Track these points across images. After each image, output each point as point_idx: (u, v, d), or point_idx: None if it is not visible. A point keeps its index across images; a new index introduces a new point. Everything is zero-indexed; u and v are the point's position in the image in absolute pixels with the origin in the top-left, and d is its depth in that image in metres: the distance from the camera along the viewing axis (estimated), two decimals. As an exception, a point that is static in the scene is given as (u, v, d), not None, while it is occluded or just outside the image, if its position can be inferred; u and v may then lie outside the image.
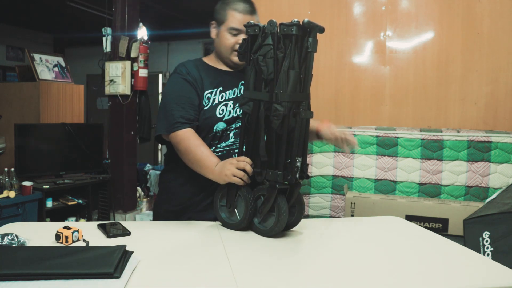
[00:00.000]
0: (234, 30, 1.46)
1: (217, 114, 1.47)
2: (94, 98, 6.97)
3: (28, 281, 0.88)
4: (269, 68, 1.22)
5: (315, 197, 2.71)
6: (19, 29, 7.42)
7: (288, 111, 1.21)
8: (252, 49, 1.27)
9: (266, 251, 1.17)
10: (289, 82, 1.20)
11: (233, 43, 1.47)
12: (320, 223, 1.52)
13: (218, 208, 1.38)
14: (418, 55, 2.98)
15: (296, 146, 1.24)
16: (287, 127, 1.23)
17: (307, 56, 1.22)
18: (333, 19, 3.11)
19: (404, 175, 2.61)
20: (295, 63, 1.21)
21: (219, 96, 1.50)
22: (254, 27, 1.27)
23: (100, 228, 1.30)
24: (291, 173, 1.23)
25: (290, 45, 1.20)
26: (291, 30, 1.18)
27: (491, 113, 2.85)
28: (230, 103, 1.50)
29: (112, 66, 3.83)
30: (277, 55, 1.21)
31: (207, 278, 0.98)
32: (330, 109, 3.12)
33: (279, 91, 1.20)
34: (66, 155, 3.73)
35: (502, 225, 1.99)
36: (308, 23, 1.18)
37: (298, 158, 1.24)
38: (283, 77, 1.20)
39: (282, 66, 1.21)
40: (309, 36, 1.21)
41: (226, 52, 1.50)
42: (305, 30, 1.20)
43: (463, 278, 1.01)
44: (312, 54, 1.23)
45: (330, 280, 0.99)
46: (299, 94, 1.23)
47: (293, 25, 1.18)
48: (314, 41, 1.21)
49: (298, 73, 1.21)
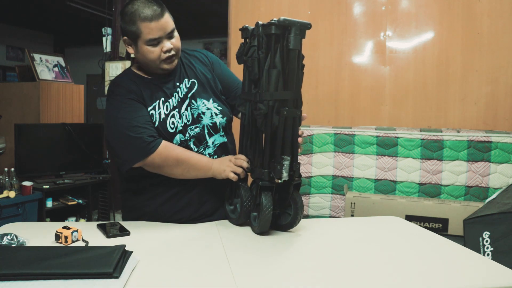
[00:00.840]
0: (154, 40, 1.35)
1: (168, 129, 1.40)
2: (94, 98, 6.98)
3: (28, 281, 0.88)
4: (254, 69, 1.25)
5: (315, 197, 2.71)
6: (19, 29, 7.43)
7: (271, 109, 1.22)
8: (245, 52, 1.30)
9: (265, 251, 1.17)
10: (270, 81, 1.22)
11: (159, 53, 1.37)
12: (320, 223, 1.52)
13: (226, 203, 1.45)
14: (418, 55, 2.98)
15: (279, 145, 1.25)
16: (270, 125, 1.24)
17: (290, 54, 1.22)
18: (333, 19, 3.10)
19: (404, 175, 2.61)
20: (277, 61, 1.22)
21: (164, 108, 1.42)
22: (247, 31, 1.29)
23: (99, 228, 1.30)
24: (273, 171, 1.24)
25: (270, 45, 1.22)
26: (269, 29, 1.20)
27: (491, 113, 2.85)
28: (175, 112, 1.43)
29: (112, 66, 3.83)
30: (259, 55, 1.23)
31: (206, 278, 0.98)
32: (330, 109, 3.12)
33: (261, 90, 1.23)
34: (66, 155, 3.73)
35: (502, 225, 1.98)
36: (284, 21, 1.18)
37: (285, 157, 1.24)
38: (264, 76, 1.22)
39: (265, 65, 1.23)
40: (289, 34, 1.20)
41: (154, 64, 1.39)
42: (285, 28, 1.20)
43: (463, 278, 1.01)
44: (296, 52, 1.21)
45: (330, 280, 0.98)
46: (282, 92, 1.23)
47: (271, 24, 1.19)
48: (294, 38, 1.19)
49: (279, 72, 1.22)
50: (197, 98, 1.47)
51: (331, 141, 2.71)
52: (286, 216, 1.33)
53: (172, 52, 1.39)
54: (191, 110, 1.45)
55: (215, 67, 1.56)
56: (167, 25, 1.36)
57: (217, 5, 4.02)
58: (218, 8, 3.31)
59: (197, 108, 1.46)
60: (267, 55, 1.23)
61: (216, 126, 1.48)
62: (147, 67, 1.44)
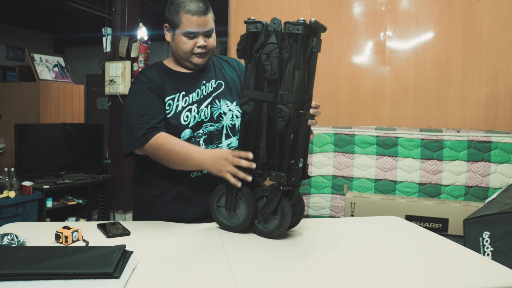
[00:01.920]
0: (191, 33, 1.41)
1: (182, 121, 1.43)
2: (94, 98, 6.98)
3: (28, 281, 0.88)
4: (273, 68, 1.18)
5: (315, 197, 2.71)
6: (19, 29, 7.43)
7: (293, 112, 1.19)
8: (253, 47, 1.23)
9: (265, 251, 1.17)
10: (295, 82, 1.17)
11: (192, 46, 1.43)
12: (320, 223, 1.52)
13: (215, 209, 1.34)
14: (418, 55, 2.98)
15: (301, 148, 1.22)
16: (292, 128, 1.21)
17: (311, 56, 1.21)
18: (333, 19, 3.11)
19: (404, 175, 2.61)
20: (300, 63, 1.18)
21: (182, 101, 1.45)
22: (256, 24, 1.21)
23: (99, 228, 1.30)
24: (294, 174, 1.21)
25: (295, 45, 1.16)
26: (297, 29, 1.15)
27: (491, 113, 2.86)
28: (194, 107, 1.45)
29: (112, 66, 3.83)
30: (282, 54, 1.17)
31: (207, 278, 0.98)
32: (330, 109, 3.12)
33: (284, 91, 1.17)
34: (66, 155, 3.72)
35: (502, 225, 1.99)
36: (316, 23, 1.16)
37: (301, 160, 1.23)
38: (288, 77, 1.17)
39: (287, 66, 1.17)
40: (314, 36, 1.18)
41: (185, 56, 1.45)
42: (310, 29, 1.18)
43: (463, 278, 1.01)
44: (316, 54, 1.21)
45: (330, 280, 0.98)
46: (304, 94, 1.22)
47: (300, 24, 1.15)
48: (318, 41, 1.19)
49: (303, 73, 1.19)
50: (221, 99, 1.50)
51: (331, 141, 2.71)
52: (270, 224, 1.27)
53: (204, 50, 1.44)
54: (211, 108, 1.48)
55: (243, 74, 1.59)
56: (206, 23, 1.43)
57: (217, 5, 4.01)
58: (218, 8, 3.31)
59: (219, 108, 1.49)
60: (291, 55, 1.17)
61: (235, 128, 1.49)
62: (178, 58, 1.49)
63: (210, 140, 1.46)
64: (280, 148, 1.23)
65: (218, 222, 1.35)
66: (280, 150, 1.23)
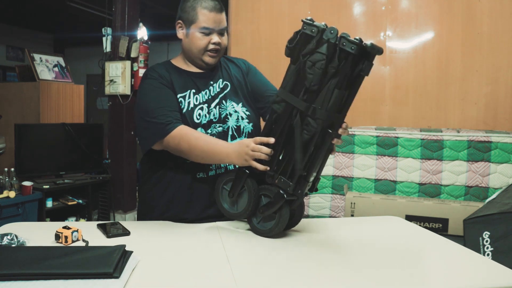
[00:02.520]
0: (207, 29, 1.42)
1: (194, 119, 1.42)
2: (94, 98, 6.97)
3: (28, 281, 0.88)
4: (315, 79, 1.13)
5: (315, 197, 2.71)
6: (19, 29, 7.43)
7: (321, 128, 1.15)
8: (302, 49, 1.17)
9: (265, 251, 1.17)
10: (331, 100, 1.12)
11: (206, 43, 1.43)
12: (320, 223, 1.52)
13: (220, 192, 1.34)
14: (418, 55, 2.98)
15: (317, 164, 1.21)
16: (315, 143, 1.18)
17: (357, 79, 1.15)
18: (333, 19, 3.10)
19: (404, 175, 2.61)
20: (343, 82, 1.12)
21: (194, 98, 1.45)
22: (312, 27, 1.14)
23: (99, 228, 1.30)
24: (301, 187, 1.19)
25: (344, 62, 1.11)
26: (351, 48, 1.09)
27: (491, 113, 2.86)
28: (205, 106, 1.45)
29: (112, 66, 3.83)
30: (328, 68, 1.12)
31: (207, 278, 0.98)
32: (330, 109, 3.11)
33: (318, 106, 1.14)
34: (66, 155, 3.72)
35: (502, 225, 1.98)
36: (372, 47, 1.10)
37: (313, 174, 1.21)
38: (326, 93, 1.12)
39: (330, 82, 1.12)
40: (366, 59, 1.12)
41: (198, 53, 1.45)
42: (364, 51, 1.11)
43: (463, 278, 1.01)
44: (363, 78, 1.15)
45: (330, 280, 0.98)
46: (337, 115, 1.16)
47: (355, 43, 1.09)
48: (369, 65, 1.12)
49: (342, 94, 1.14)
50: (228, 99, 1.50)
51: (331, 141, 2.71)
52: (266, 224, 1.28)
53: (218, 47, 1.44)
54: (219, 109, 1.48)
55: (250, 73, 1.59)
56: (222, 21, 1.45)
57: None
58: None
59: (226, 109, 1.48)
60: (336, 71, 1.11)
61: (240, 129, 1.48)
62: (190, 55, 1.48)
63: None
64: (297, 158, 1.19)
65: (219, 206, 1.36)
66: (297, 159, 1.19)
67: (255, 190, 1.27)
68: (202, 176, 1.45)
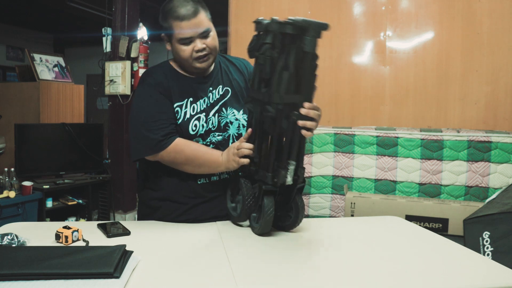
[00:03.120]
0: (186, 39, 1.35)
1: (190, 131, 1.39)
2: (94, 98, 6.98)
3: (28, 281, 0.88)
4: (266, 68, 1.19)
5: (315, 197, 2.71)
6: (19, 29, 7.43)
7: (280, 113, 1.18)
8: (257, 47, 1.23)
9: (266, 251, 1.17)
10: (281, 83, 1.16)
11: (190, 52, 1.37)
12: (320, 223, 1.52)
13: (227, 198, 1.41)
14: (418, 55, 2.98)
15: (286, 150, 1.22)
16: (279, 129, 1.20)
17: (305, 57, 1.16)
18: (333, 19, 3.10)
19: (404, 175, 2.61)
20: (290, 63, 1.16)
21: (190, 108, 1.41)
22: (260, 24, 1.22)
23: (100, 228, 1.30)
24: (277, 176, 1.22)
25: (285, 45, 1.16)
26: (285, 29, 1.14)
27: (491, 113, 2.86)
28: (202, 115, 1.42)
29: (112, 66, 3.83)
30: (272, 54, 1.18)
31: (207, 278, 0.98)
32: (330, 109, 3.12)
33: (271, 92, 1.18)
34: (66, 155, 3.73)
35: (502, 225, 1.99)
36: (302, 21, 1.12)
37: (291, 162, 1.22)
38: (276, 78, 1.17)
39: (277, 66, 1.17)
40: (305, 35, 1.14)
41: (187, 62, 1.40)
42: (302, 28, 1.14)
43: (463, 278, 1.01)
44: (310, 55, 1.15)
45: (330, 280, 0.98)
46: (293, 96, 1.18)
47: (288, 23, 1.14)
48: (310, 41, 1.13)
49: (292, 74, 1.16)
50: (228, 107, 1.47)
51: (331, 141, 2.71)
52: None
53: (204, 52, 1.38)
54: (218, 117, 1.45)
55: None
56: (199, 24, 1.36)
57: (217, 5, 4.02)
58: (218, 8, 3.32)
59: (226, 117, 1.46)
60: (281, 55, 1.17)
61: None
62: (181, 65, 1.45)
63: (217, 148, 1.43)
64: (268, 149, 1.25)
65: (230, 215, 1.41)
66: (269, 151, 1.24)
67: (248, 190, 1.29)
68: (203, 181, 1.44)
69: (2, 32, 7.06)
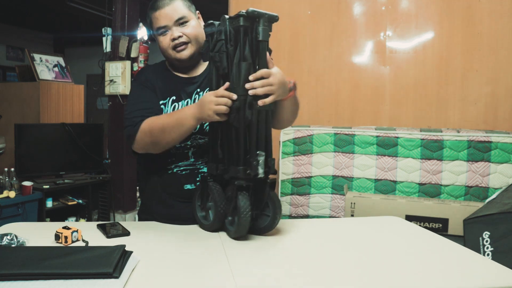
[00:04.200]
0: (161, 28, 1.37)
1: None
2: (94, 98, 6.97)
3: (27, 281, 0.88)
4: (222, 63, 1.21)
5: (315, 197, 2.71)
6: (19, 29, 7.43)
7: (243, 103, 1.18)
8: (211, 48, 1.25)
9: (265, 251, 1.17)
10: (241, 74, 1.18)
11: (168, 42, 1.37)
12: (320, 223, 1.52)
13: (196, 209, 1.35)
14: (418, 55, 2.98)
15: (254, 140, 1.21)
16: (243, 120, 1.20)
17: (259, 46, 1.19)
18: (333, 19, 3.11)
19: (404, 175, 2.61)
20: (247, 54, 1.19)
21: (171, 107, 1.40)
22: (210, 26, 1.25)
23: (99, 228, 1.30)
24: (250, 168, 1.19)
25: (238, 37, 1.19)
26: (238, 21, 1.17)
27: (491, 113, 2.86)
28: None
29: (112, 66, 3.83)
30: (227, 48, 1.20)
31: (206, 278, 0.98)
32: (330, 109, 3.12)
33: (231, 84, 1.19)
34: (66, 155, 3.73)
35: (502, 225, 1.98)
36: (253, 12, 1.16)
37: (260, 153, 1.20)
38: (235, 69, 1.19)
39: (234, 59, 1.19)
40: (258, 25, 1.18)
41: (168, 55, 1.41)
42: (253, 20, 1.18)
43: (463, 278, 1.01)
44: (265, 44, 1.19)
45: (330, 280, 0.98)
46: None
47: (239, 16, 1.17)
48: (263, 30, 1.18)
49: (250, 64, 1.19)
50: None
51: (331, 141, 2.71)
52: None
53: (181, 40, 1.37)
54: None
55: None
56: (174, 12, 1.36)
57: (217, 5, 4.02)
58: (218, 8, 3.31)
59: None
60: (236, 48, 1.20)
61: None
62: (167, 60, 1.46)
63: (200, 153, 1.41)
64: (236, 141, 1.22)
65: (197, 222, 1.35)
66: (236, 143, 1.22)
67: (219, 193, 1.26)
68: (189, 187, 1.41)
69: (2, 32, 7.06)
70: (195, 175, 1.41)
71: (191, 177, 1.41)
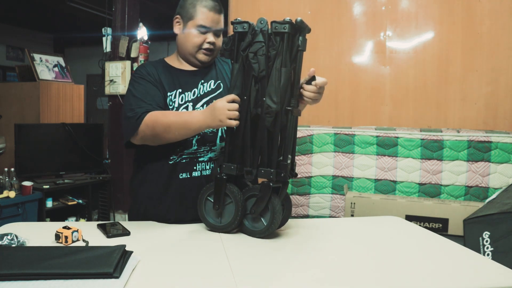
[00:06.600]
0: (203, 28, 1.44)
1: None
2: (94, 98, 6.98)
3: (28, 281, 0.88)
4: (260, 66, 1.22)
5: (315, 197, 2.71)
6: (19, 29, 7.42)
7: (281, 108, 1.22)
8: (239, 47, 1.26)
9: (265, 251, 1.17)
10: (282, 79, 1.21)
11: (201, 41, 1.45)
12: (320, 223, 1.52)
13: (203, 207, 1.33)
14: (418, 55, 2.98)
15: (289, 144, 1.24)
16: (280, 124, 1.23)
17: (297, 55, 1.24)
18: (333, 19, 3.10)
19: (404, 175, 2.61)
20: (287, 61, 1.22)
21: (179, 98, 1.45)
22: (243, 24, 1.25)
23: (99, 228, 1.30)
24: (283, 170, 1.22)
25: (281, 43, 1.21)
26: (283, 28, 1.19)
27: (491, 113, 2.85)
28: (190, 105, 1.44)
29: (112, 66, 3.83)
30: (269, 52, 1.22)
31: (207, 277, 0.98)
32: (330, 109, 3.11)
33: (272, 88, 1.21)
34: (66, 155, 3.73)
35: (502, 225, 1.98)
36: (301, 22, 1.20)
37: (289, 156, 1.24)
38: (275, 74, 1.21)
39: (274, 63, 1.21)
40: (299, 35, 1.22)
41: (192, 50, 1.46)
42: (296, 28, 1.22)
43: (463, 278, 1.01)
44: (302, 53, 1.25)
45: (330, 280, 0.98)
46: (290, 92, 1.25)
47: (286, 23, 1.19)
48: (304, 40, 1.23)
49: (289, 71, 1.23)
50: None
51: (331, 141, 2.71)
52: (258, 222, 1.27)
53: (212, 47, 1.46)
54: None
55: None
56: (220, 22, 1.47)
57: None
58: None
59: None
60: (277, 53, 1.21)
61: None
62: (184, 52, 1.49)
63: (203, 141, 1.44)
64: (268, 145, 1.24)
65: (205, 223, 1.33)
66: (269, 147, 1.24)
67: (239, 194, 1.27)
68: (185, 176, 1.43)
69: (2, 32, 7.05)
70: (193, 164, 1.43)
71: (188, 165, 1.43)
